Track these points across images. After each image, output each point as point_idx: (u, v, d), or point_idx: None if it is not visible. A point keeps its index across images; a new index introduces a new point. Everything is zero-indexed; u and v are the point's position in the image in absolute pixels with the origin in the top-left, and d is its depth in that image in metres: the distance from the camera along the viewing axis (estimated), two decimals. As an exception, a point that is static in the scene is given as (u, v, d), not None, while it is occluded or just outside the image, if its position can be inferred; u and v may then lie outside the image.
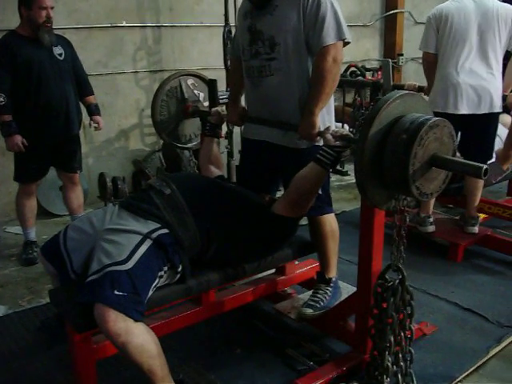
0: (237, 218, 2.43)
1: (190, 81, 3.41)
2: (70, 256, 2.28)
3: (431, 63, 3.93)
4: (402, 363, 2.24)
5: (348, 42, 2.58)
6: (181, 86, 3.40)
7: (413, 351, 2.26)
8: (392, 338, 2.18)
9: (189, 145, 3.84)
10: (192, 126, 3.85)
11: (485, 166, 1.79)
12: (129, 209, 2.34)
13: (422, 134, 1.82)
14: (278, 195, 2.93)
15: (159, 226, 2.23)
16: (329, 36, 2.48)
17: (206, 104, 3.55)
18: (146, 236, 2.16)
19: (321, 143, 2.52)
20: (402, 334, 2.20)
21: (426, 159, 1.88)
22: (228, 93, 4.86)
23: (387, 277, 2.21)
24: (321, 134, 2.43)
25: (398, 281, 2.18)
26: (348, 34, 2.55)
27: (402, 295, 2.18)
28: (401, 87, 4.64)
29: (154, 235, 2.18)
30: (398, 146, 1.86)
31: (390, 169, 1.90)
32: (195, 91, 3.49)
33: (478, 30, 3.68)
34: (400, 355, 2.23)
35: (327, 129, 2.37)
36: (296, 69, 2.59)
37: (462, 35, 3.70)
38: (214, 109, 3.12)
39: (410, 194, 1.93)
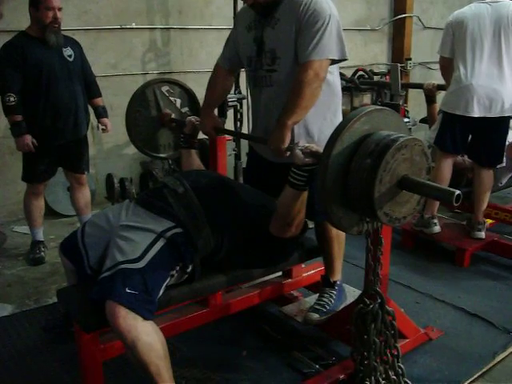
0: (249, 219, 2.43)
1: (165, 88, 3.25)
2: (87, 252, 2.32)
3: (445, 66, 3.99)
4: (394, 377, 2.20)
5: (345, 59, 2.51)
6: (155, 94, 3.23)
7: (403, 366, 2.21)
8: (375, 363, 2.14)
9: (164, 154, 3.54)
10: (169, 135, 3.58)
11: (457, 192, 1.66)
12: (144, 206, 2.37)
13: (388, 157, 1.70)
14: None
15: (173, 224, 2.24)
16: (315, 53, 2.40)
17: (184, 110, 3.37)
18: (159, 235, 2.18)
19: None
20: (389, 353, 2.16)
21: (394, 182, 1.76)
22: (234, 96, 4.89)
23: (366, 300, 2.16)
24: (289, 149, 2.28)
25: (377, 305, 2.12)
26: (342, 52, 2.47)
27: (383, 318, 2.13)
28: (419, 86, 4.64)
29: (168, 234, 2.20)
30: (362, 172, 1.73)
31: (355, 194, 1.78)
32: (171, 98, 3.31)
33: (492, 34, 3.69)
34: (390, 372, 2.19)
35: (296, 144, 2.21)
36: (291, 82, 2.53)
37: (475, 39, 3.71)
38: (187, 118, 3.02)
39: (378, 220, 1.82)
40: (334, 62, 2.50)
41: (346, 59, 2.51)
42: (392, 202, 1.78)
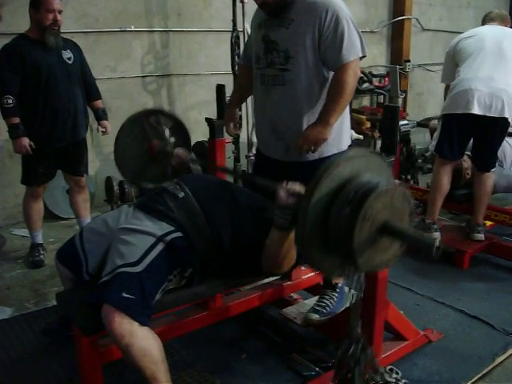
0: (249, 222, 2.41)
1: (152, 118, 3.15)
2: (87, 258, 2.31)
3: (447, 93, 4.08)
4: None
5: (364, 56, 2.62)
6: (143, 126, 3.10)
7: None
8: None
9: (156, 185, 3.33)
10: (160, 166, 3.34)
11: (436, 243, 1.65)
12: (144, 209, 2.35)
13: (367, 207, 1.66)
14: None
15: (173, 228, 2.23)
16: (349, 53, 2.52)
17: (172, 140, 3.21)
18: (159, 239, 2.17)
19: (327, 154, 2.62)
20: None
21: (375, 229, 1.72)
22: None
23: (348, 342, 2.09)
24: (275, 189, 2.15)
25: (359, 349, 2.06)
26: (364, 49, 2.59)
27: (366, 362, 2.08)
28: (425, 126, 4.73)
29: (168, 238, 2.18)
30: (342, 221, 1.70)
31: (335, 241, 1.74)
32: (159, 128, 3.18)
33: (494, 41, 3.79)
34: None
35: (280, 185, 2.12)
36: (306, 82, 2.61)
37: (476, 47, 3.82)
38: (175, 150, 2.91)
39: (359, 268, 1.79)
40: None
41: (365, 56, 2.62)
42: (373, 249, 1.75)
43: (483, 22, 4.13)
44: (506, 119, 3.72)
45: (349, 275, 1.93)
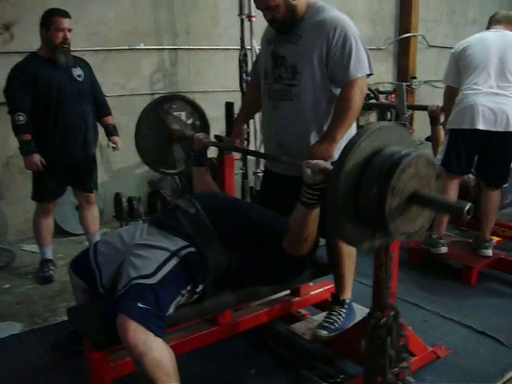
0: (258, 238, 2.43)
1: (167, 105, 3.14)
2: (101, 270, 2.35)
3: (448, 94, 4.08)
4: None
5: (371, 74, 2.66)
6: (159, 115, 3.11)
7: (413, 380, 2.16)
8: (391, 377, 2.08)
9: (180, 169, 3.36)
10: (181, 150, 3.36)
11: (467, 206, 1.66)
12: (158, 226, 2.40)
13: (394, 183, 1.70)
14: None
15: (187, 244, 2.26)
16: (356, 70, 2.56)
17: (190, 122, 3.24)
18: (173, 253, 2.21)
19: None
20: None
21: (404, 199, 1.75)
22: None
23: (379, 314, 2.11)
24: (301, 167, 2.20)
25: (392, 318, 2.08)
26: (371, 67, 2.63)
27: (398, 331, 2.09)
28: (424, 108, 4.69)
29: (182, 253, 2.22)
30: (371, 199, 1.74)
31: (367, 215, 1.78)
32: (175, 113, 3.19)
33: (498, 55, 3.77)
34: None
35: (306, 163, 2.17)
36: (313, 98, 2.66)
37: (480, 60, 3.79)
38: (195, 135, 2.99)
39: (392, 236, 1.83)
40: None
41: (373, 73, 2.66)
42: (404, 217, 1.79)
43: (489, 24, 4.07)
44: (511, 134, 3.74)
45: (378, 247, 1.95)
